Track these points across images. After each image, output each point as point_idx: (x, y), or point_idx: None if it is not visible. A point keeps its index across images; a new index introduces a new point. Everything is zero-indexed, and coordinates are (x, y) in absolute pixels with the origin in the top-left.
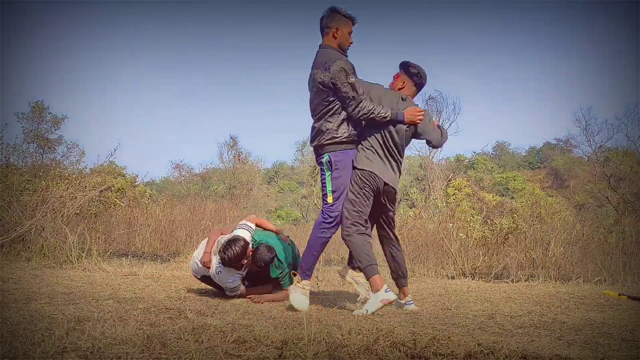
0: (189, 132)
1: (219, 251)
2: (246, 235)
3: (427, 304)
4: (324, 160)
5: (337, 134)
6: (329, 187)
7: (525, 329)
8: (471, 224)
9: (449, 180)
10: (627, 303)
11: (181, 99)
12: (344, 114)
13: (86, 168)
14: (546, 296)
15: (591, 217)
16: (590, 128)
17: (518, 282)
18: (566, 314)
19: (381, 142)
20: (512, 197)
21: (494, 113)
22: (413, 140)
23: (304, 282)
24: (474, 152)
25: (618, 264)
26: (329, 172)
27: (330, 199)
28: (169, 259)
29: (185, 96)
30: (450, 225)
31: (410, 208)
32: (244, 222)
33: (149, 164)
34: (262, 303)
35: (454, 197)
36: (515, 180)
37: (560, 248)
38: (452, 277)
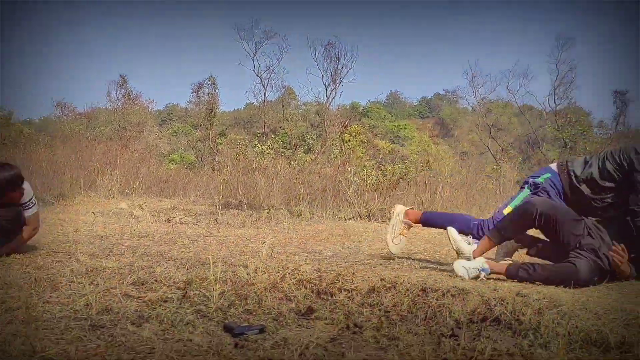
0: (75, 71)
1: None
2: None
3: (328, 244)
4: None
5: None
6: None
7: (422, 264)
8: (365, 170)
9: (345, 127)
10: None
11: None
12: None
13: None
14: (436, 235)
15: (474, 164)
16: (476, 80)
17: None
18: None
19: None
20: (403, 145)
21: (389, 63)
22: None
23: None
24: (369, 100)
25: (497, 205)
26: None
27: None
28: (53, 202)
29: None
30: (348, 169)
31: (307, 153)
32: None
33: (32, 104)
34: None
35: (349, 143)
36: (406, 129)
37: (446, 192)
38: (349, 219)
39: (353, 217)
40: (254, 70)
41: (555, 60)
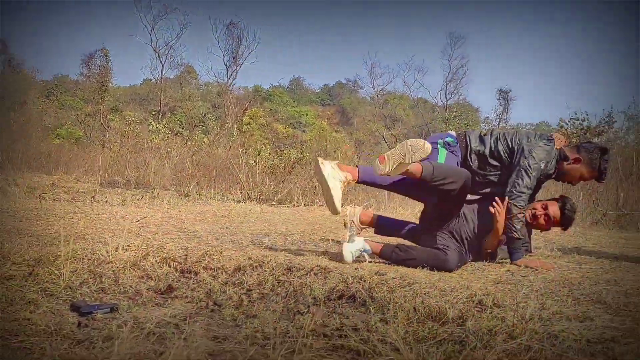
0: None
1: None
2: None
3: (207, 224)
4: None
5: None
6: None
7: (295, 244)
8: (261, 153)
9: (245, 109)
10: None
11: None
12: None
13: None
14: (320, 218)
15: (368, 152)
16: (375, 71)
17: (298, 206)
18: (333, 233)
19: None
20: (304, 131)
21: (292, 49)
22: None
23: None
24: (272, 85)
25: (385, 193)
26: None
27: None
28: None
29: None
30: (240, 151)
31: (205, 135)
32: None
33: None
34: None
35: (248, 126)
36: (307, 115)
37: None
38: (239, 201)
39: (243, 200)
40: (151, 45)
41: (447, 57)
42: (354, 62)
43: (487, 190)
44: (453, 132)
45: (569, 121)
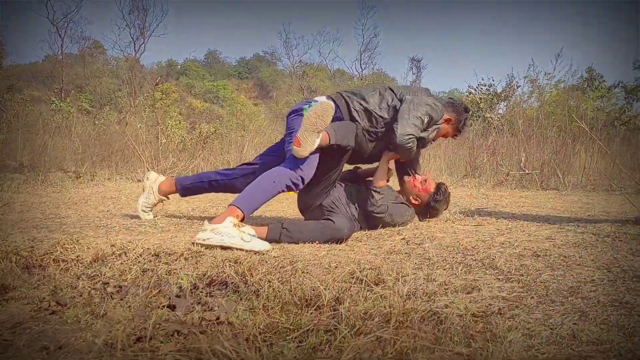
0: None
1: None
2: None
3: (87, 208)
4: None
5: None
6: None
7: (179, 224)
8: (172, 129)
9: (156, 84)
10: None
11: None
12: None
13: None
14: (223, 195)
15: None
16: (289, 42)
17: None
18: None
19: None
20: (222, 106)
21: (207, 21)
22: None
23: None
24: (186, 59)
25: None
26: None
27: None
28: None
29: None
30: (139, 127)
31: (115, 112)
32: None
33: None
34: None
35: (161, 102)
36: (225, 89)
37: (252, 150)
38: (139, 181)
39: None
40: (48, 18)
41: (361, 27)
42: (269, 34)
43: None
44: (321, 97)
45: (477, 87)
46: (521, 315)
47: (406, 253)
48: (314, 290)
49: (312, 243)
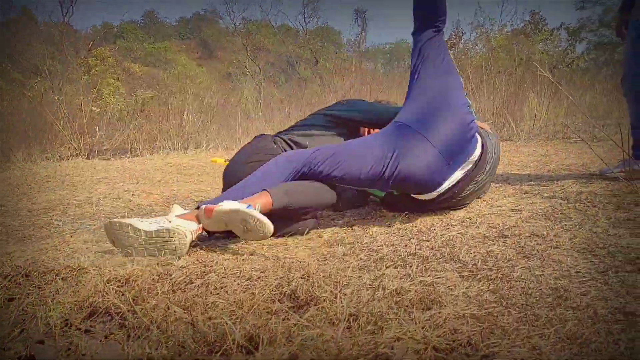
0: None
1: None
2: None
3: None
4: None
5: None
6: None
7: (77, 220)
8: (107, 97)
9: (89, 50)
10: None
11: None
12: None
13: None
14: (151, 171)
15: (233, 86)
16: None
17: (137, 156)
18: (147, 193)
19: None
20: (166, 69)
21: None
22: None
23: None
24: (122, 20)
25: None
26: None
27: None
28: None
29: None
30: (56, 98)
31: (46, 81)
32: None
33: None
34: None
35: (96, 68)
36: (167, 51)
37: (193, 117)
38: (61, 159)
39: (71, 156)
40: None
41: None
42: None
43: None
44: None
45: None
46: (499, 347)
47: (349, 244)
48: (216, 325)
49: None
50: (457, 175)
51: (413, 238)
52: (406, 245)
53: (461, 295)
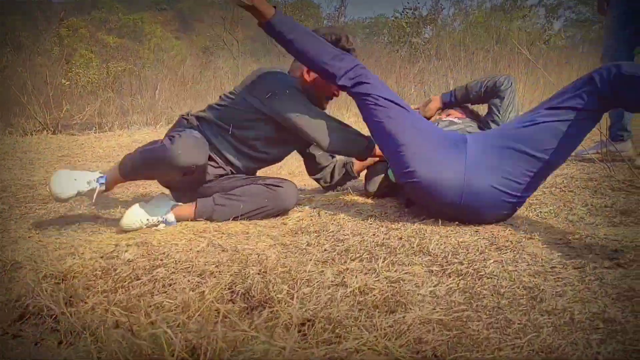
0: None
1: None
2: None
3: None
4: None
5: None
6: None
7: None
8: (78, 69)
9: (61, 20)
10: None
11: None
12: None
13: None
14: (131, 143)
15: (212, 60)
16: None
17: (105, 131)
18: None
19: None
20: (141, 41)
21: None
22: None
23: None
24: None
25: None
26: None
27: None
28: None
29: None
30: (19, 70)
31: (18, 53)
32: None
33: None
34: None
35: (68, 39)
36: (143, 22)
37: (166, 92)
38: (26, 134)
39: (39, 130)
40: None
41: None
42: None
43: None
44: None
45: (402, 11)
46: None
47: (315, 232)
48: (156, 340)
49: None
50: None
51: (382, 226)
52: (374, 235)
53: (429, 294)
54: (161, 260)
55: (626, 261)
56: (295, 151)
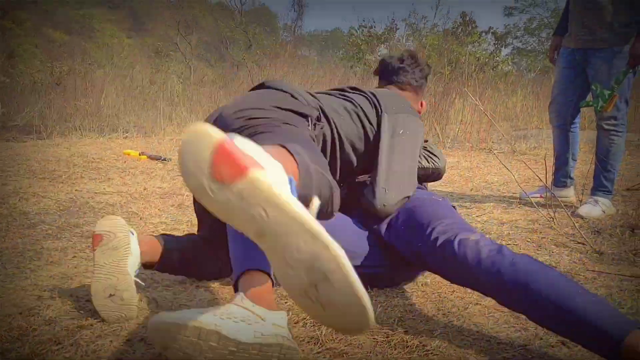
0: None
1: None
2: None
3: None
4: None
5: None
6: None
7: None
8: (19, 65)
9: (5, 11)
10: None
11: None
12: None
13: None
14: (70, 156)
15: (164, 63)
16: None
17: (42, 139)
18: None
19: None
20: (91, 37)
21: None
22: None
23: None
24: None
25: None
26: None
27: None
28: None
29: None
30: None
31: None
32: None
33: None
34: None
35: (11, 32)
36: (93, 19)
37: (113, 96)
38: None
39: None
40: None
41: None
42: None
43: None
44: None
45: (358, 28)
46: None
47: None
48: None
49: None
50: None
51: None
52: None
53: None
54: (87, 319)
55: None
56: None
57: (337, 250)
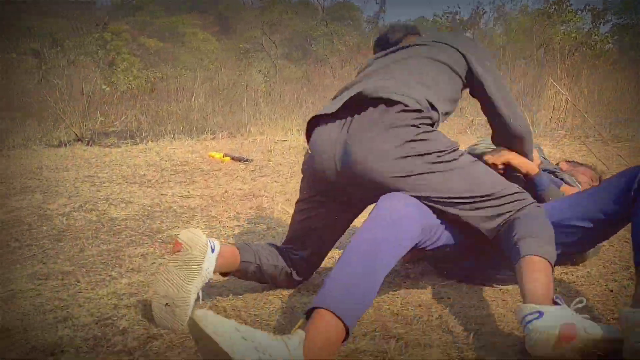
0: None
1: None
2: None
3: None
4: None
5: None
6: None
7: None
8: (119, 74)
9: (106, 24)
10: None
11: None
12: None
13: None
14: (159, 160)
15: (250, 63)
16: None
17: (136, 145)
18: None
19: None
20: (182, 43)
21: None
22: None
23: None
24: None
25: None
26: None
27: None
28: None
29: None
30: (56, 82)
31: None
32: None
33: None
34: None
35: (112, 43)
36: (183, 24)
37: (201, 99)
38: (57, 146)
39: (69, 142)
40: None
41: None
42: None
43: None
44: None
45: (443, 15)
46: None
47: None
48: None
49: None
50: None
51: (401, 288)
52: (391, 301)
53: None
54: (157, 329)
55: None
56: None
57: None
